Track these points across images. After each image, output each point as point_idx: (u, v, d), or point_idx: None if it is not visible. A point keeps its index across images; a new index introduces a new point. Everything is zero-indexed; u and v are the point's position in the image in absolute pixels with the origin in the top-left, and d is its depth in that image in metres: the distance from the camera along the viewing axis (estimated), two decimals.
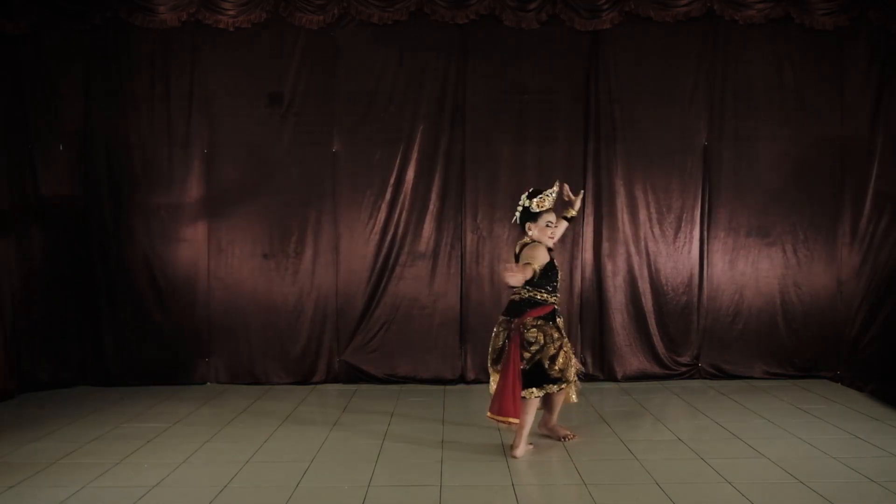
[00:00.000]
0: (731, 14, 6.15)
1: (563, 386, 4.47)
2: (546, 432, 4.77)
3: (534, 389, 4.37)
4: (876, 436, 4.74)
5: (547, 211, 4.44)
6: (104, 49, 6.12)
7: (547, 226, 4.44)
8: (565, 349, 4.46)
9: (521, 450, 4.40)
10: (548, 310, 4.42)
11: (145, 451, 4.52)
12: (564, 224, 4.70)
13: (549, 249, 4.48)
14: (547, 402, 4.68)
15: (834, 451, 4.44)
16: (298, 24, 6.11)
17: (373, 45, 6.19)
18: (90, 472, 4.11)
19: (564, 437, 4.68)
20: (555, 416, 4.76)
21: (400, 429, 4.99)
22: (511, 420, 4.31)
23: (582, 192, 5.05)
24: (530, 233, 4.46)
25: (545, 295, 4.42)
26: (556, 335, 4.41)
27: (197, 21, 6.09)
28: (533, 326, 4.37)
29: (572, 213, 4.77)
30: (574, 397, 4.65)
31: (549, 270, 4.41)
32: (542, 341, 4.36)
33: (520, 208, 4.49)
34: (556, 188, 4.49)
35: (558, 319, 4.49)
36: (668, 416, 5.31)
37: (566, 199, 4.73)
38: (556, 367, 4.38)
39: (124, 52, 6.13)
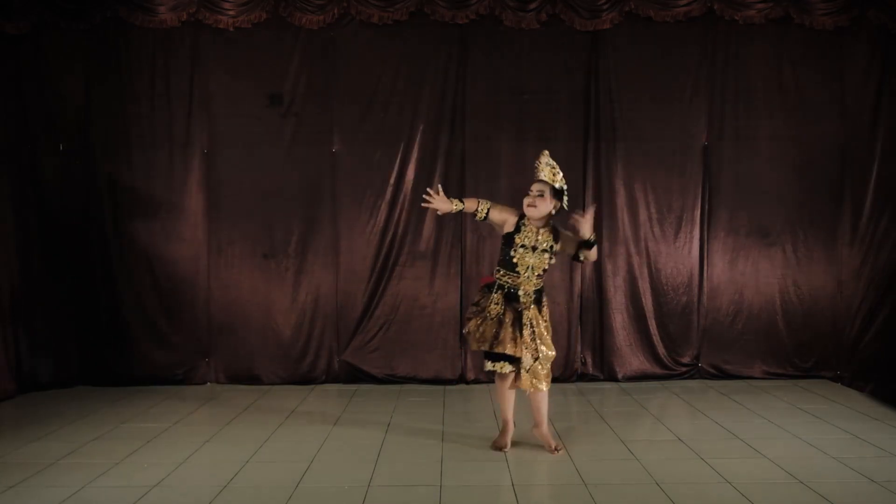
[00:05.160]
0: (731, 14, 6.14)
1: (501, 365, 4.28)
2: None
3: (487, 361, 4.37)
4: (876, 436, 4.74)
5: (533, 182, 4.35)
6: (104, 49, 6.12)
7: (528, 194, 4.33)
8: (492, 321, 4.27)
9: (501, 440, 4.45)
10: (488, 280, 4.46)
11: (145, 451, 4.52)
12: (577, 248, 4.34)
13: (522, 224, 4.32)
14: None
15: (834, 451, 4.44)
16: (298, 24, 6.10)
17: (373, 45, 6.19)
18: (90, 472, 4.11)
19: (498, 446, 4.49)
20: (510, 412, 4.50)
21: (400, 429, 4.99)
22: None
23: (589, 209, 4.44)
24: None
25: (497, 267, 4.41)
26: (492, 309, 4.28)
27: (197, 21, 6.08)
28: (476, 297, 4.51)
29: (582, 237, 4.28)
30: (525, 384, 4.29)
31: (505, 243, 4.36)
32: (474, 310, 4.43)
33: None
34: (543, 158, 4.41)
35: (495, 294, 4.32)
36: (668, 416, 5.31)
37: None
38: (477, 335, 4.30)
39: (124, 52, 6.13)
